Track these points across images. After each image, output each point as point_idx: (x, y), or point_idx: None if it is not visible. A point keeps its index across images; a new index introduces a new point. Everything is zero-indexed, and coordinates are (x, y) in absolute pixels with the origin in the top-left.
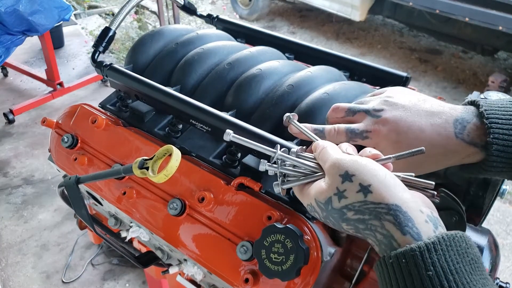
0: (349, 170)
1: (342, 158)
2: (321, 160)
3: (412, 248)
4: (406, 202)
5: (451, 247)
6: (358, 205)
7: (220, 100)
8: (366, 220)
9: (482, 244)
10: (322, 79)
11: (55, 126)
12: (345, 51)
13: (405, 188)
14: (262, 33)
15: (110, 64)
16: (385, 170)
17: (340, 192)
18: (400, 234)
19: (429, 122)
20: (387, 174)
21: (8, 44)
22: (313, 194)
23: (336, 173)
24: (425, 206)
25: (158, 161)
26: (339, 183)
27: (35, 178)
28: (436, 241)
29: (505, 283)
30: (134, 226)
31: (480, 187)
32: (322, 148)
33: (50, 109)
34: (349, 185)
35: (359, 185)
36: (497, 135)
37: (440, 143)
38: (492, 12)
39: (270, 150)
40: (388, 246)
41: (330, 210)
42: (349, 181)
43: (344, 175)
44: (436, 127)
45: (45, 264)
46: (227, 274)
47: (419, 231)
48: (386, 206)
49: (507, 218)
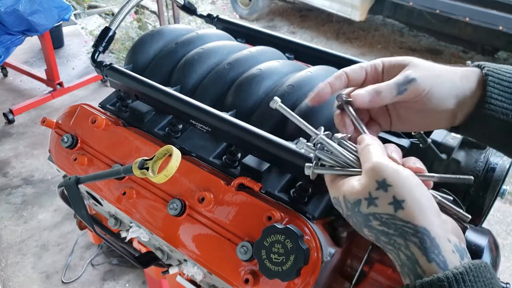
0: (387, 179)
1: (384, 164)
2: (362, 156)
3: (440, 278)
4: (436, 227)
5: (478, 278)
6: (386, 217)
7: (220, 100)
8: (391, 234)
9: (482, 244)
10: (322, 79)
11: (55, 126)
12: (345, 51)
13: (438, 212)
14: (262, 33)
15: (110, 64)
16: (422, 188)
17: (372, 198)
18: (425, 261)
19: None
20: (423, 193)
21: (8, 44)
22: (343, 190)
23: (373, 177)
24: (453, 235)
25: (158, 162)
26: (373, 188)
27: (35, 178)
28: (464, 272)
29: (505, 284)
30: (134, 226)
31: (480, 187)
32: (366, 145)
33: (50, 109)
34: (382, 194)
35: (392, 198)
36: (491, 72)
37: (460, 71)
38: (492, 12)
39: (313, 131)
40: (412, 271)
41: (356, 212)
42: (384, 190)
43: (381, 183)
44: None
45: (45, 264)
46: (227, 275)
47: (445, 259)
48: (414, 227)
49: (507, 218)
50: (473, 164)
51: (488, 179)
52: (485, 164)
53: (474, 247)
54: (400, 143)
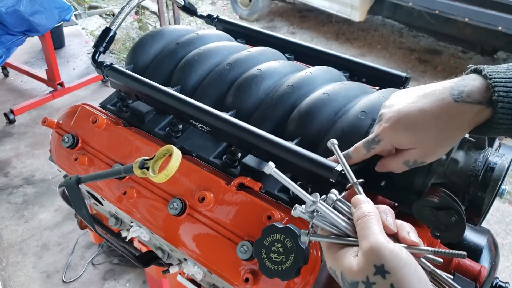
0: (386, 265)
1: (382, 246)
2: (359, 229)
3: None
4: None
5: None
6: None
7: (220, 100)
8: None
9: (481, 244)
10: (322, 79)
11: (55, 126)
12: (345, 52)
13: None
14: (262, 34)
15: (110, 64)
16: (420, 273)
17: (369, 283)
18: None
19: (426, 100)
20: (421, 279)
21: (8, 44)
22: (340, 265)
23: (372, 261)
24: None
25: (158, 161)
26: (371, 273)
27: (36, 178)
28: None
29: (505, 283)
30: (134, 225)
31: (479, 187)
32: (363, 215)
33: (51, 109)
34: (380, 281)
35: (390, 286)
36: (501, 93)
37: (442, 112)
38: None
39: (309, 198)
40: None
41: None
42: (382, 277)
43: (379, 268)
44: (433, 101)
45: (46, 264)
46: (227, 274)
47: None
48: None
49: (506, 218)
50: (472, 164)
51: (487, 179)
52: (484, 164)
53: (473, 247)
54: None
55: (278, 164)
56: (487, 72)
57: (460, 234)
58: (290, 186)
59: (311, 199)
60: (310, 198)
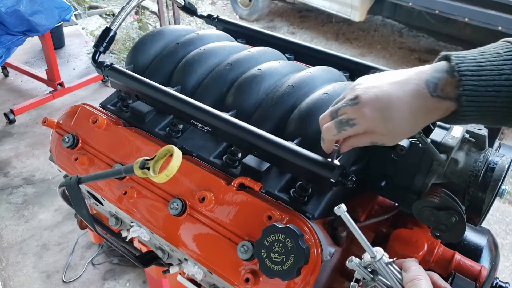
0: None
1: None
2: None
3: None
4: None
5: None
6: None
7: (221, 100)
8: None
9: (481, 244)
10: (322, 79)
11: (55, 126)
12: (345, 52)
13: None
14: (262, 34)
15: (110, 64)
16: None
17: None
18: None
19: (403, 91)
20: None
21: (8, 44)
22: None
23: None
24: None
25: (159, 161)
26: None
27: (36, 178)
28: None
29: (505, 283)
30: (134, 226)
31: (479, 187)
32: (415, 278)
33: (51, 109)
34: None
35: None
36: (467, 87)
37: (420, 105)
38: (492, 13)
39: (372, 252)
40: None
41: None
42: None
43: None
44: (411, 92)
45: (46, 264)
46: (228, 274)
47: None
48: None
49: (506, 218)
50: (473, 164)
51: (487, 179)
52: (484, 164)
53: (473, 247)
54: (400, 143)
55: (278, 164)
56: (455, 64)
57: (460, 234)
58: (357, 235)
59: (374, 253)
60: (374, 252)
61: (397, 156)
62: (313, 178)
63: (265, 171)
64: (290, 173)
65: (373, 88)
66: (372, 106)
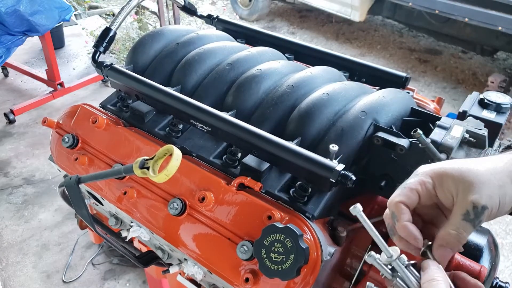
0: None
1: None
2: None
3: None
4: None
5: None
6: None
7: (221, 100)
8: None
9: (481, 244)
10: (322, 79)
11: (55, 126)
12: (345, 52)
13: None
14: (262, 34)
15: (110, 64)
16: None
17: None
18: None
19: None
20: None
21: (8, 44)
22: None
23: None
24: None
25: (158, 161)
26: None
27: (36, 178)
28: None
29: (505, 283)
30: (134, 225)
31: None
32: (432, 279)
33: (51, 109)
34: None
35: None
36: None
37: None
38: (492, 13)
39: (389, 251)
40: None
41: None
42: None
43: None
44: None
45: (46, 264)
46: (228, 274)
47: None
48: None
49: (506, 218)
50: None
51: None
52: None
53: (473, 247)
54: (400, 143)
55: (278, 164)
56: None
57: None
58: (373, 234)
59: (391, 253)
60: (391, 252)
61: (397, 156)
62: (313, 178)
63: (265, 171)
64: (290, 173)
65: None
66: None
